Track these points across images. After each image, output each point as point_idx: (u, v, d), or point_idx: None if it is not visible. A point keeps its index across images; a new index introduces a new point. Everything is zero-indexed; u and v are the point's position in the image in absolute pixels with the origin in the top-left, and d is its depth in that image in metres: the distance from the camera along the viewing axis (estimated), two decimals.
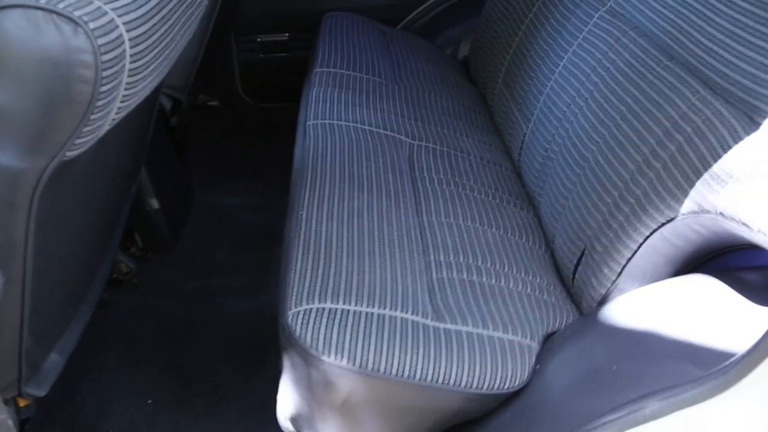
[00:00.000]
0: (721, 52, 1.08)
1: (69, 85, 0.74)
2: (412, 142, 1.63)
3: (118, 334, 1.73)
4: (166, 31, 0.91)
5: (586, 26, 1.50)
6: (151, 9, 0.84)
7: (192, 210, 2.15)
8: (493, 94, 1.94)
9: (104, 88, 0.76)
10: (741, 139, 0.99)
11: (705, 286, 1.08)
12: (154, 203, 1.84)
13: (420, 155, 1.58)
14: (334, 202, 1.32)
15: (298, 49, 2.64)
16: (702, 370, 0.92)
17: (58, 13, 0.70)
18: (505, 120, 1.81)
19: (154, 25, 0.85)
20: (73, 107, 0.76)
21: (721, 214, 1.01)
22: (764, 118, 0.97)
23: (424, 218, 1.37)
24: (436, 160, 1.58)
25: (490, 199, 1.51)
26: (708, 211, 1.03)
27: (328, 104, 1.69)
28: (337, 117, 1.63)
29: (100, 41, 0.73)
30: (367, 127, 1.62)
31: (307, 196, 1.33)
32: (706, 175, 1.03)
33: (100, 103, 0.77)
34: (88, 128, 0.80)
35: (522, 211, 1.53)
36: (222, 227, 2.13)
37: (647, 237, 1.14)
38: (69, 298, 1.27)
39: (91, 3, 0.74)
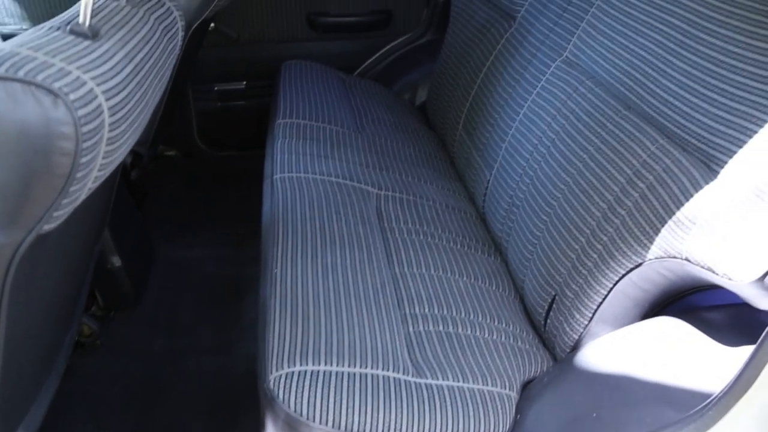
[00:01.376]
0: (676, 103, 1.13)
1: (48, 158, 0.73)
2: (379, 192, 1.65)
3: (82, 400, 1.68)
4: (141, 95, 0.91)
5: (544, 75, 1.55)
6: (128, 75, 0.85)
7: (154, 265, 2.12)
8: (454, 140, 1.97)
9: (83, 159, 0.75)
10: (701, 187, 1.03)
11: (675, 329, 1.11)
12: (116, 261, 1.81)
13: (387, 205, 1.60)
14: (307, 259, 1.31)
15: (255, 97, 2.65)
16: (679, 412, 0.94)
17: (37, 85, 0.69)
18: (467, 166, 1.84)
19: (131, 91, 0.85)
20: (53, 180, 0.75)
21: (686, 259, 1.04)
22: (721, 166, 1.01)
23: (396, 270, 1.38)
24: (404, 209, 1.60)
25: (458, 246, 1.53)
26: (674, 257, 1.07)
27: (293, 156, 1.70)
28: (304, 169, 1.64)
29: (80, 112, 0.72)
30: (333, 179, 1.63)
31: (279, 254, 1.33)
32: (670, 222, 1.07)
33: (79, 174, 0.76)
34: (66, 200, 0.79)
35: (489, 257, 1.55)
36: (185, 281, 2.10)
37: (616, 282, 1.18)
38: (37, 369, 1.23)
39: (70, 73, 0.73)
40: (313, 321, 1.16)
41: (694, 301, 1.20)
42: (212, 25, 2.49)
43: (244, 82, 2.63)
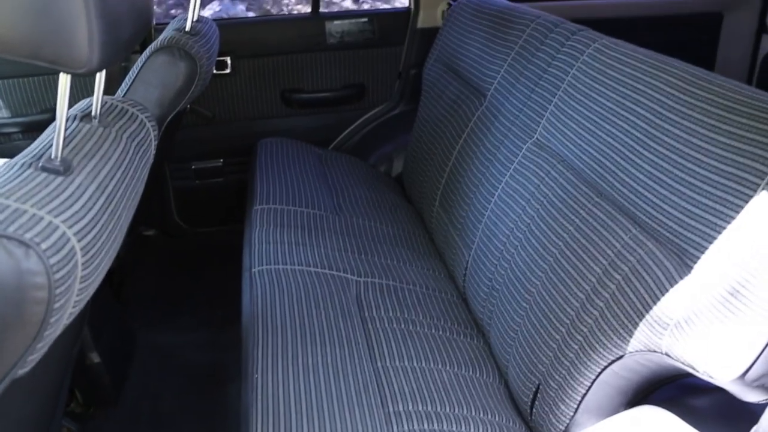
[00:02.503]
0: (646, 193, 1.15)
1: (21, 308, 0.72)
2: (359, 279, 1.64)
3: None
4: (114, 224, 0.90)
5: (516, 157, 1.57)
6: (101, 208, 0.84)
7: (134, 353, 2.08)
8: (431, 216, 1.99)
9: (57, 305, 0.74)
10: (676, 282, 1.04)
11: (661, 419, 1.11)
12: (95, 357, 1.77)
13: (368, 293, 1.59)
14: (287, 360, 1.30)
15: (232, 174, 2.67)
16: None
17: (8, 238, 0.69)
18: (446, 245, 1.85)
19: (104, 224, 0.85)
20: (26, 329, 0.74)
21: (666, 354, 1.04)
22: (695, 261, 1.02)
23: (378, 364, 1.37)
24: (384, 296, 1.59)
25: (440, 333, 1.53)
26: (654, 351, 1.07)
27: (271, 246, 1.70)
28: (282, 260, 1.64)
29: (53, 260, 0.71)
30: (312, 269, 1.63)
31: (260, 356, 1.31)
32: (648, 317, 1.07)
33: (53, 319, 0.75)
34: (40, 344, 0.78)
35: (473, 341, 1.55)
36: (167, 370, 2.07)
37: (599, 373, 1.17)
38: None
39: (42, 219, 0.73)
40: (295, 428, 1.14)
41: (681, 385, 1.20)
42: (188, 106, 2.51)
43: (221, 160, 2.64)
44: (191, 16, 1.87)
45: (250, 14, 8.78)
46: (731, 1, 2.80)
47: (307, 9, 2.53)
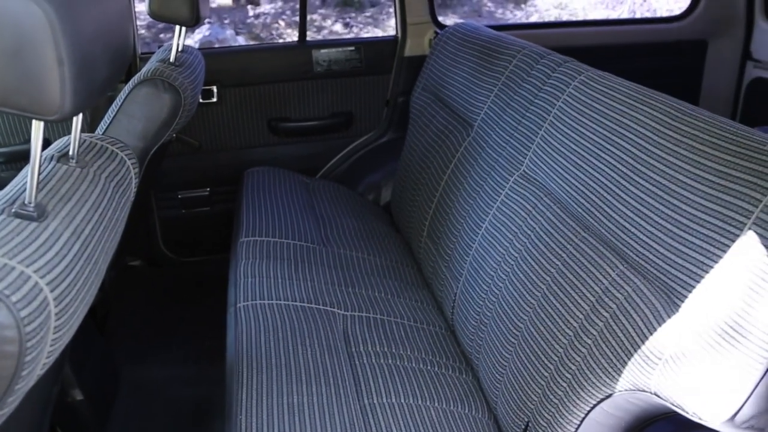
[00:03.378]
0: (632, 229, 1.14)
1: None
2: (345, 313, 1.63)
3: None
4: (90, 270, 0.88)
5: (503, 189, 1.57)
6: (76, 254, 0.82)
7: (118, 389, 2.04)
8: (419, 246, 1.97)
9: (28, 358, 0.72)
10: (664, 320, 1.03)
11: None
12: (77, 394, 1.74)
13: (354, 328, 1.57)
14: (272, 400, 1.27)
15: (219, 203, 2.65)
16: None
17: None
18: (434, 276, 1.83)
19: (79, 271, 0.83)
20: None
21: (655, 393, 1.03)
22: (682, 300, 1.01)
23: (365, 402, 1.34)
24: (371, 330, 1.57)
25: (429, 367, 1.51)
26: (643, 390, 1.05)
27: (257, 280, 1.68)
28: (267, 295, 1.62)
29: (23, 312, 0.69)
30: (298, 304, 1.61)
31: (244, 396, 1.28)
32: (636, 356, 1.06)
33: (24, 372, 0.73)
34: (11, 398, 0.75)
35: (461, 375, 1.53)
36: (153, 406, 2.03)
37: (588, 412, 1.16)
38: None
39: (13, 269, 0.71)
40: None
41: (673, 421, 1.19)
42: (174, 135, 2.50)
43: (208, 189, 2.63)
44: (176, 46, 1.87)
45: (240, 39, 8.83)
46: (716, 28, 2.83)
47: (297, 33, 2.54)
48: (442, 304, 1.76)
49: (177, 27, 1.84)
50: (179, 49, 2.06)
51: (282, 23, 9.09)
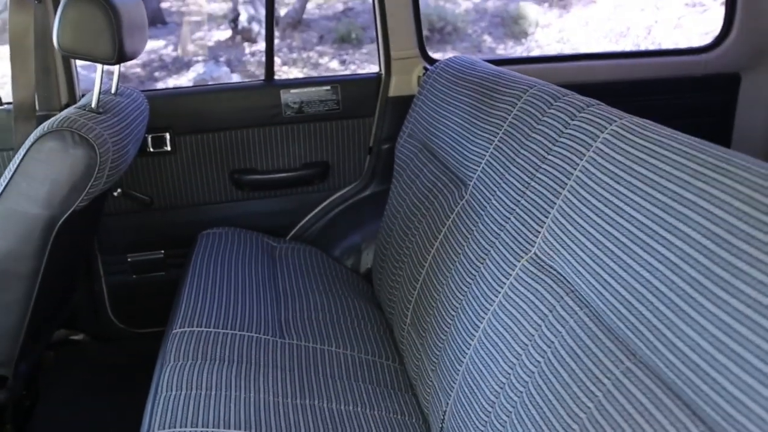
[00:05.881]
0: (705, 367, 0.74)
1: None
2: None
3: None
4: None
5: (507, 277, 1.16)
6: None
7: None
8: (402, 336, 1.56)
9: None
10: None
11: None
12: None
13: None
14: None
15: (175, 267, 2.26)
16: None
17: None
18: (419, 377, 1.42)
19: None
20: None
21: None
22: None
23: None
24: None
25: None
26: None
27: (181, 396, 1.26)
28: (192, 421, 1.20)
29: None
30: None
31: None
32: None
33: None
34: None
35: None
36: None
37: None
38: None
39: None
40: None
41: None
42: (118, 190, 2.12)
43: (162, 251, 2.24)
44: (97, 88, 1.49)
45: (235, 76, 8.54)
46: (750, 59, 2.45)
47: (295, 71, 2.16)
48: (429, 417, 1.35)
49: (99, 66, 1.47)
50: (112, 91, 1.69)
51: (278, 60, 8.82)
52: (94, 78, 1.50)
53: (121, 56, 1.43)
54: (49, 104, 1.97)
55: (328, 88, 2.15)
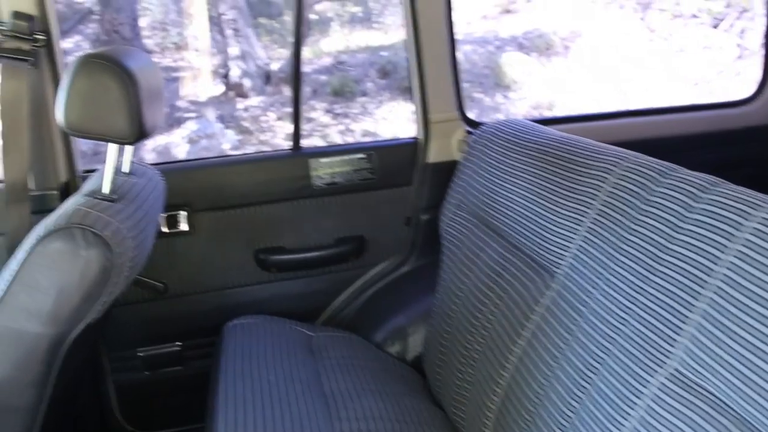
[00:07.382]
0: None
1: None
2: None
3: None
4: None
5: (638, 397, 0.95)
6: None
7: None
8: None
9: None
10: None
11: None
12: None
13: None
14: None
15: (194, 359, 2.03)
16: None
17: None
18: None
19: None
20: None
21: None
22: None
23: None
24: None
25: None
26: None
27: None
28: None
29: None
30: None
31: None
32: None
33: None
34: None
35: None
36: None
37: None
38: None
39: None
40: None
41: None
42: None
43: (179, 344, 2.01)
44: (110, 172, 1.28)
45: (228, 132, 8.39)
46: None
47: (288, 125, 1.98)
48: None
49: (111, 146, 1.26)
50: (123, 169, 1.48)
51: (272, 115, 8.70)
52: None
53: (140, 134, 1.23)
54: (45, 183, 1.74)
55: (362, 155, 1.96)
